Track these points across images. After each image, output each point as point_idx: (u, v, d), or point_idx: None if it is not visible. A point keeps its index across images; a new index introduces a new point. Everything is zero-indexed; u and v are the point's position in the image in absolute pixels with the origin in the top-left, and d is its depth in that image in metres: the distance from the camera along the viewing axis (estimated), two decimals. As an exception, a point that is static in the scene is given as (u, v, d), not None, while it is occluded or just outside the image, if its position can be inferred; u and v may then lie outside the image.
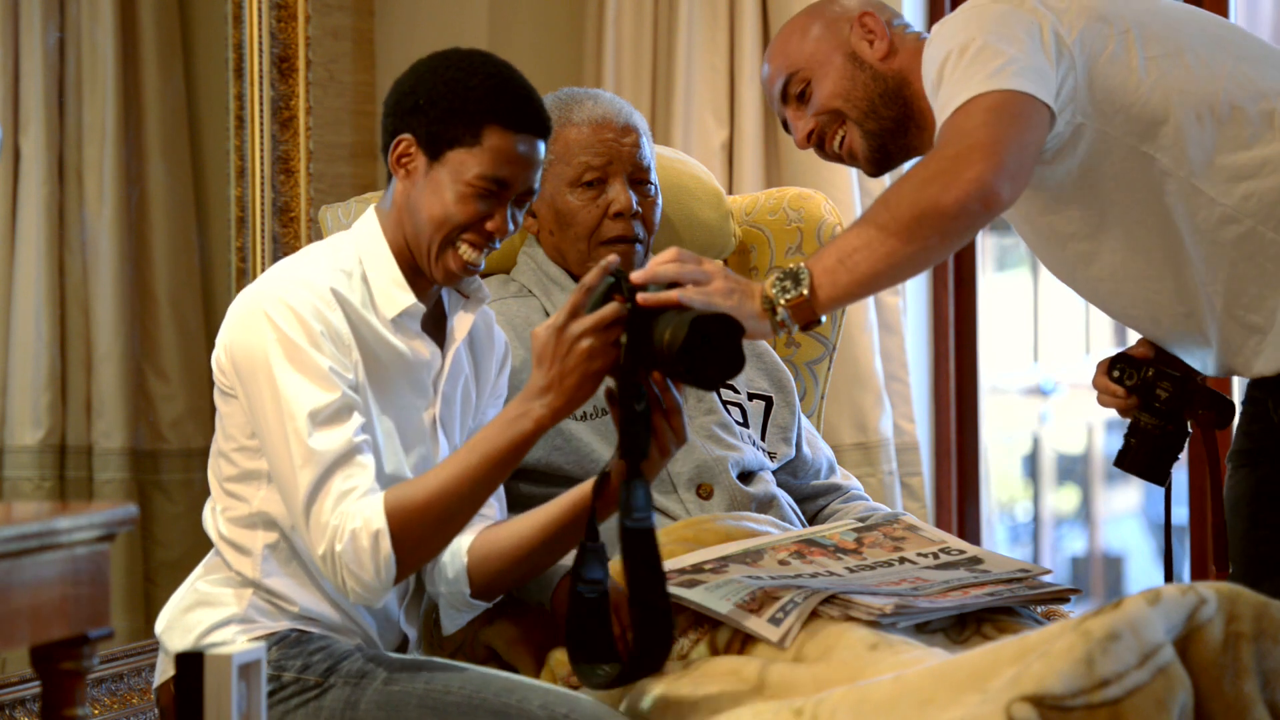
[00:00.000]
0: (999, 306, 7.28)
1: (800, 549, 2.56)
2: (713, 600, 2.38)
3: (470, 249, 2.45)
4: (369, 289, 2.47)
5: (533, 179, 2.46)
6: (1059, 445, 8.34)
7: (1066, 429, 8.24)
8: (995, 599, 2.46)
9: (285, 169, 3.88)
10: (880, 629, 2.33)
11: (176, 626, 2.50)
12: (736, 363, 2.22)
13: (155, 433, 3.76)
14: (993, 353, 6.67)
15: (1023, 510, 8.12)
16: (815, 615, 2.36)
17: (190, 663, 1.97)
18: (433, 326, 2.53)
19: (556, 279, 2.93)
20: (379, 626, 2.55)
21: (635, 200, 2.90)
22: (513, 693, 2.33)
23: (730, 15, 4.11)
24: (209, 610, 2.48)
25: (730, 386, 2.96)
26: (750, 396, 2.97)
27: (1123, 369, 2.67)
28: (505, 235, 2.46)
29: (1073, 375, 7.96)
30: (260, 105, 3.83)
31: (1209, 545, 4.00)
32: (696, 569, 2.47)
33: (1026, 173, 2.40)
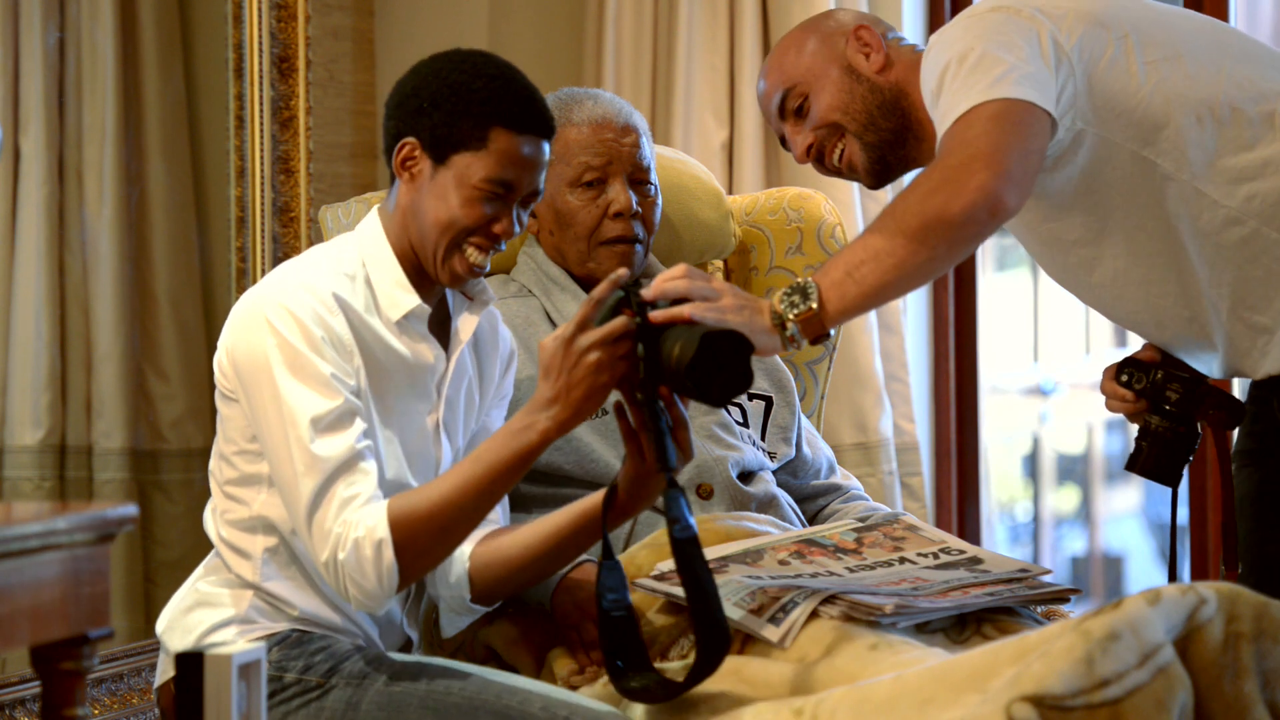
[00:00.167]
0: (999, 306, 7.27)
1: (800, 549, 2.55)
2: (713, 600, 2.38)
3: (477, 252, 2.44)
4: (372, 292, 2.46)
5: (538, 180, 2.45)
6: (1059, 445, 8.34)
7: (1066, 429, 8.24)
8: (995, 599, 2.45)
9: (285, 169, 3.88)
10: (880, 629, 2.33)
11: (177, 627, 2.50)
12: (745, 380, 2.21)
13: (155, 433, 3.75)
14: (993, 353, 6.66)
15: (1023, 510, 8.12)
16: (815, 615, 2.36)
17: (190, 663, 1.97)
18: (437, 328, 2.53)
19: (556, 279, 2.93)
20: (381, 629, 2.55)
21: (635, 200, 2.90)
22: (514, 694, 2.33)
23: (730, 15, 4.11)
24: (209, 611, 2.48)
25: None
26: (750, 396, 2.97)
27: (1131, 373, 2.66)
28: (512, 237, 2.45)
29: (1073, 375, 7.95)
30: (260, 105, 3.83)
31: (1213, 545, 4.03)
32: (696, 569, 2.47)
33: (1030, 180, 2.39)
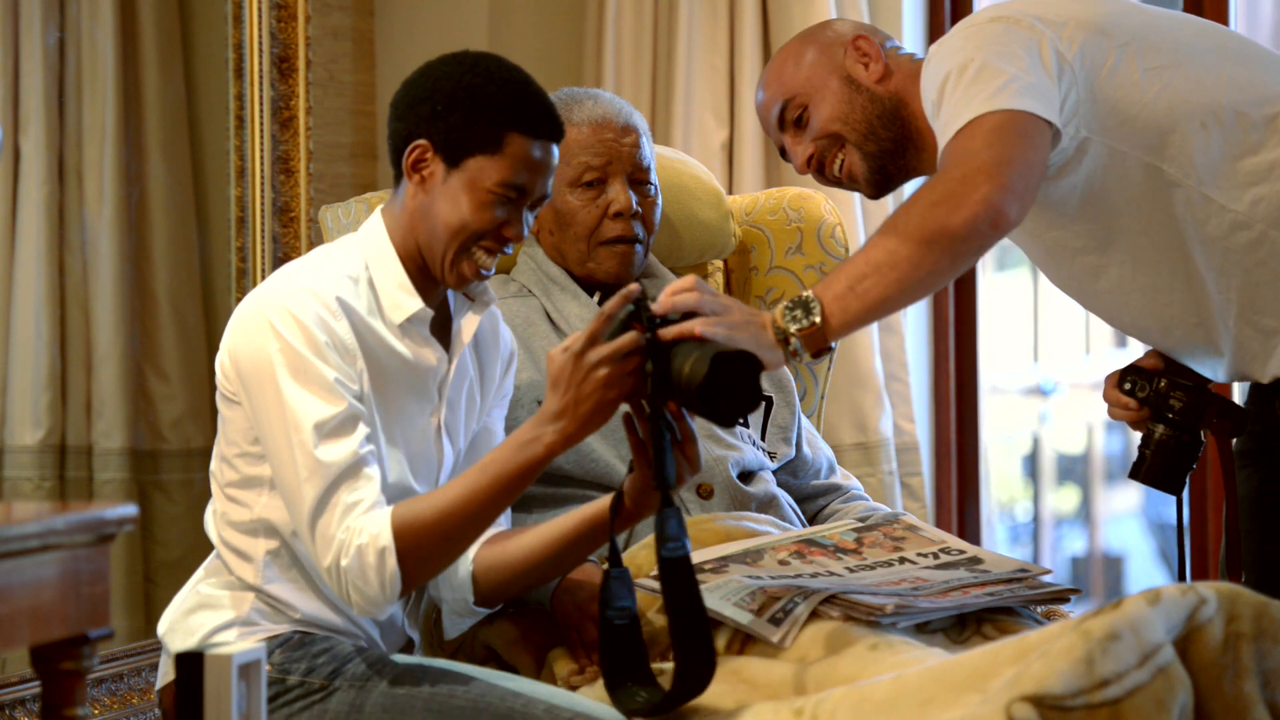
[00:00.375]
0: (999, 306, 7.28)
1: (800, 549, 2.55)
2: (713, 600, 2.38)
3: (485, 255, 2.44)
4: (375, 294, 2.46)
5: (548, 185, 2.46)
6: (1059, 445, 8.34)
7: (1066, 429, 8.24)
8: (995, 599, 2.45)
9: (285, 169, 3.88)
10: (880, 629, 2.33)
11: (179, 629, 2.50)
12: (754, 399, 2.20)
13: (155, 433, 3.75)
14: (993, 353, 6.66)
15: (1023, 510, 8.12)
16: (815, 615, 2.36)
17: (190, 663, 1.97)
18: (439, 330, 2.53)
19: (556, 279, 2.93)
20: (382, 630, 2.55)
21: (635, 200, 2.90)
22: (517, 697, 2.32)
23: (730, 15, 4.11)
24: (211, 613, 2.48)
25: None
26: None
27: (1134, 381, 2.65)
28: (521, 241, 2.45)
29: (1073, 375, 7.95)
30: (260, 105, 3.83)
31: (1213, 545, 4.03)
32: (696, 569, 2.47)
33: (1033, 192, 2.39)
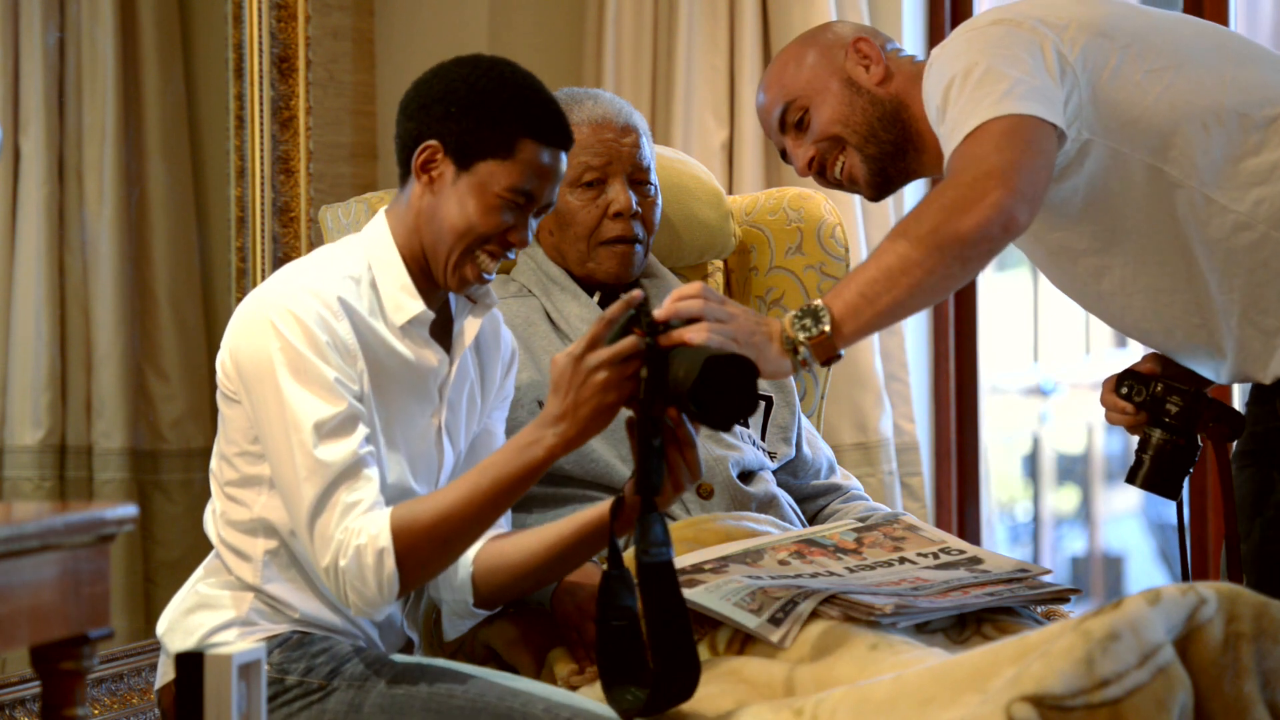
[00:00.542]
0: (999, 306, 7.28)
1: (800, 549, 2.55)
2: (713, 600, 2.38)
3: (489, 259, 2.44)
4: (377, 295, 2.46)
5: (555, 192, 2.46)
6: (1059, 445, 8.34)
7: (1066, 429, 8.24)
8: (995, 599, 2.45)
9: (285, 169, 3.87)
10: (880, 629, 2.33)
11: (178, 629, 2.50)
12: (749, 404, 2.19)
13: (155, 433, 3.75)
14: (993, 353, 6.66)
15: (1023, 510, 8.12)
16: (815, 615, 2.36)
17: (190, 663, 1.97)
18: (440, 331, 2.53)
19: (556, 279, 2.93)
20: (380, 631, 2.55)
21: (635, 200, 2.90)
22: (516, 696, 2.32)
23: (730, 15, 4.11)
24: (210, 613, 2.48)
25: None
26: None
27: (1131, 385, 2.65)
28: (525, 247, 2.46)
29: (1073, 375, 7.96)
30: (260, 105, 3.83)
31: (1213, 546, 4.03)
32: (696, 569, 2.47)
33: (1041, 195, 2.39)
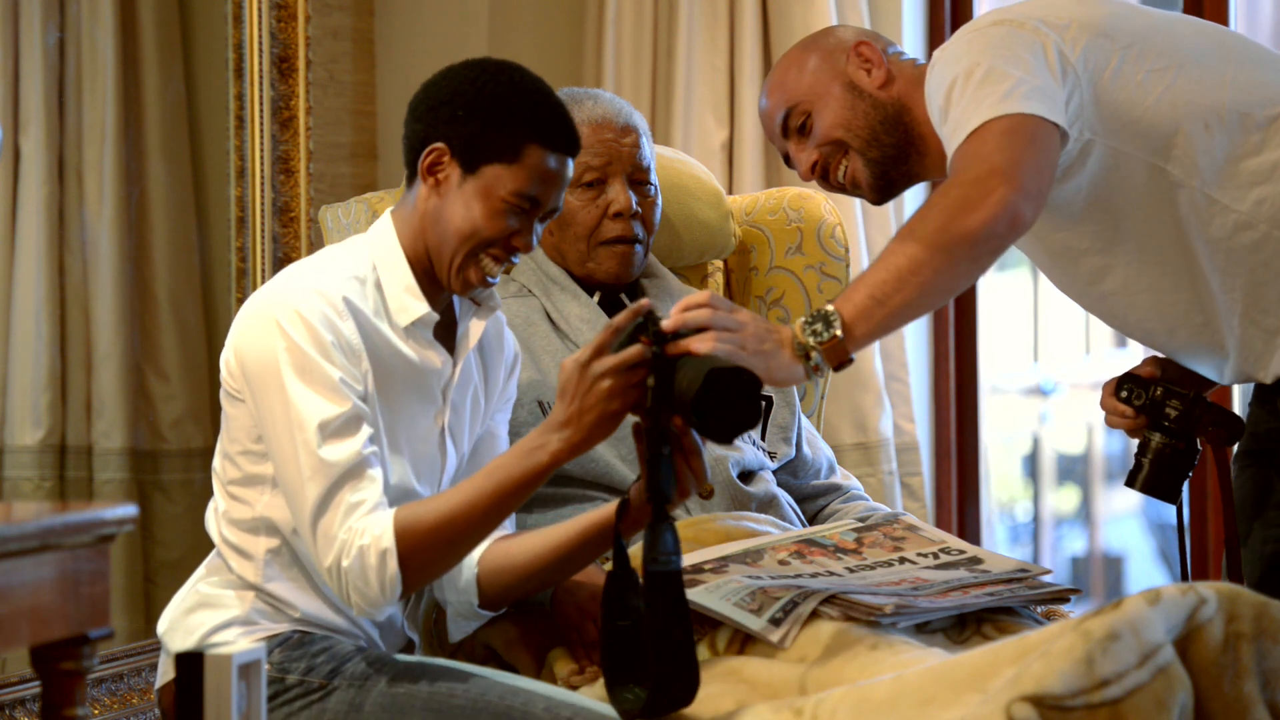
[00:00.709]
0: (999, 306, 7.27)
1: (800, 549, 2.56)
2: (713, 600, 2.38)
3: (492, 263, 2.44)
4: (382, 296, 2.46)
5: (561, 197, 2.46)
6: (1059, 445, 8.34)
7: (1066, 429, 8.24)
8: (995, 599, 2.45)
9: (285, 169, 3.88)
10: (880, 629, 2.33)
11: (179, 628, 2.50)
12: (751, 417, 2.19)
13: (155, 433, 3.75)
14: (993, 353, 6.66)
15: (1023, 510, 8.12)
16: (815, 615, 2.36)
17: (190, 662, 1.97)
18: (444, 333, 2.53)
19: (556, 279, 2.93)
20: (381, 631, 2.55)
21: (635, 200, 2.90)
22: (517, 695, 2.33)
23: (730, 15, 4.11)
24: (211, 612, 2.48)
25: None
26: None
27: (1130, 389, 2.66)
28: (529, 252, 2.46)
29: (1073, 375, 7.95)
30: (260, 105, 3.83)
31: (1213, 546, 4.03)
32: (696, 569, 2.47)
33: (1045, 193, 2.39)
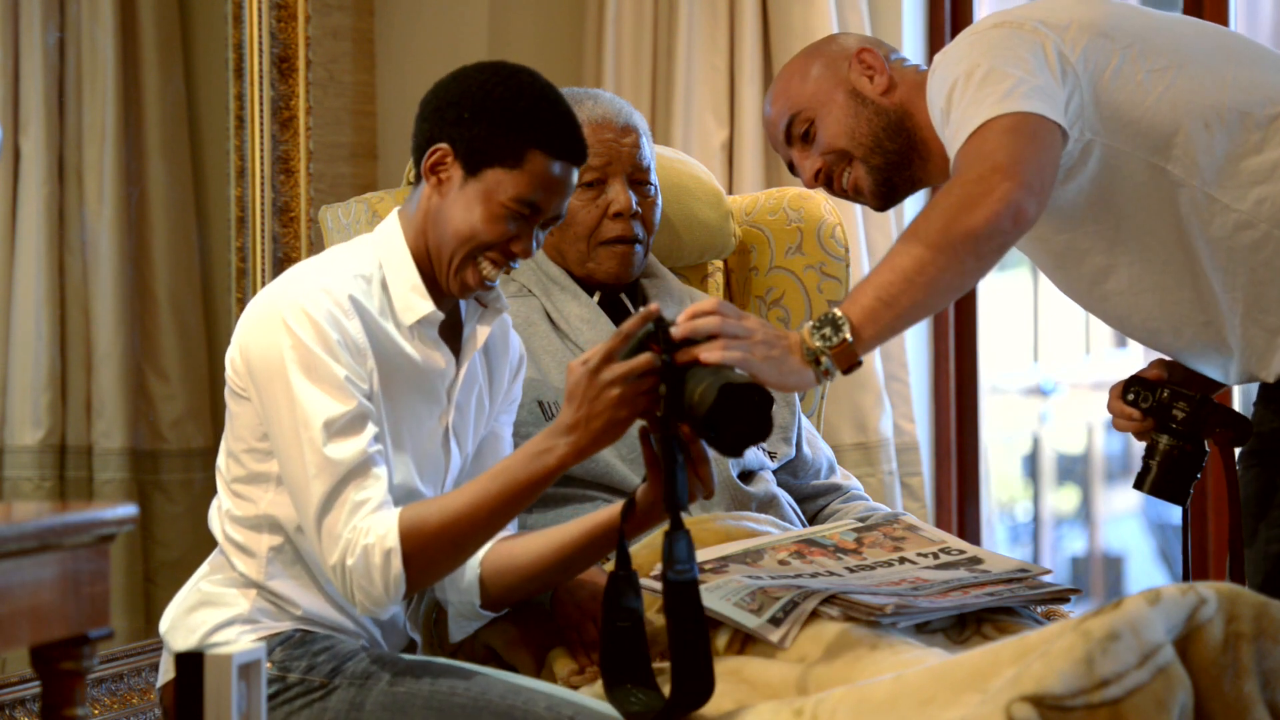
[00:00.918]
0: (999, 306, 7.28)
1: (800, 549, 2.56)
2: (712, 600, 2.38)
3: (491, 266, 2.44)
4: (388, 296, 2.46)
5: (564, 205, 2.46)
6: (1059, 445, 8.34)
7: (1066, 429, 8.25)
8: (995, 599, 2.45)
9: (285, 169, 3.88)
10: (880, 629, 2.33)
11: (180, 626, 2.50)
12: (763, 431, 2.19)
13: (155, 433, 3.75)
14: (993, 353, 6.66)
15: (1023, 510, 8.12)
16: (815, 615, 2.36)
17: (190, 662, 1.97)
18: (449, 334, 2.53)
19: (556, 279, 2.93)
20: (383, 631, 2.55)
21: (635, 200, 2.90)
22: (518, 694, 2.33)
23: (730, 15, 4.11)
24: (213, 610, 2.48)
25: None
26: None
27: (1137, 392, 2.66)
28: (529, 257, 2.45)
29: (1073, 375, 7.96)
30: (260, 105, 3.83)
31: (1213, 545, 4.03)
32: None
33: (1048, 190, 2.40)
